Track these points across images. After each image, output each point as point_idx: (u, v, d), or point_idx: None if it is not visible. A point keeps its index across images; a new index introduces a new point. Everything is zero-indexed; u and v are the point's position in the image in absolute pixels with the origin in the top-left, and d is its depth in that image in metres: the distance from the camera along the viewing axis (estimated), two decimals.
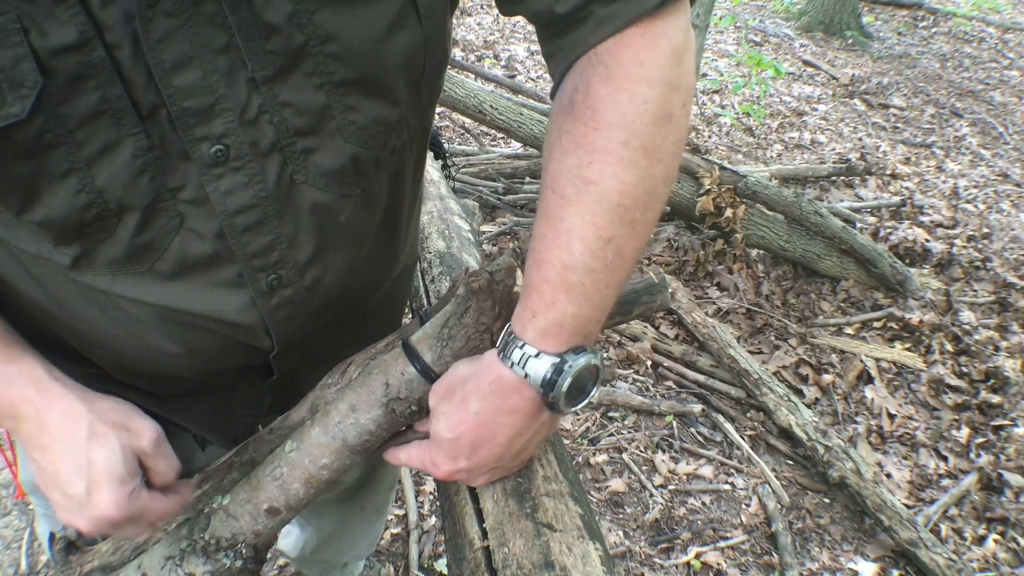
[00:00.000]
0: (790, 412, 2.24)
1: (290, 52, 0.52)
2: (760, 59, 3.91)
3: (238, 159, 0.55)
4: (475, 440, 0.62)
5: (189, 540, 0.67)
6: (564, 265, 0.57)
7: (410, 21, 0.55)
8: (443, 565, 1.85)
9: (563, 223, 0.57)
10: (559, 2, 0.55)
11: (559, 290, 0.57)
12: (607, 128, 0.55)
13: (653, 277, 0.86)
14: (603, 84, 0.55)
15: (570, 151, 0.57)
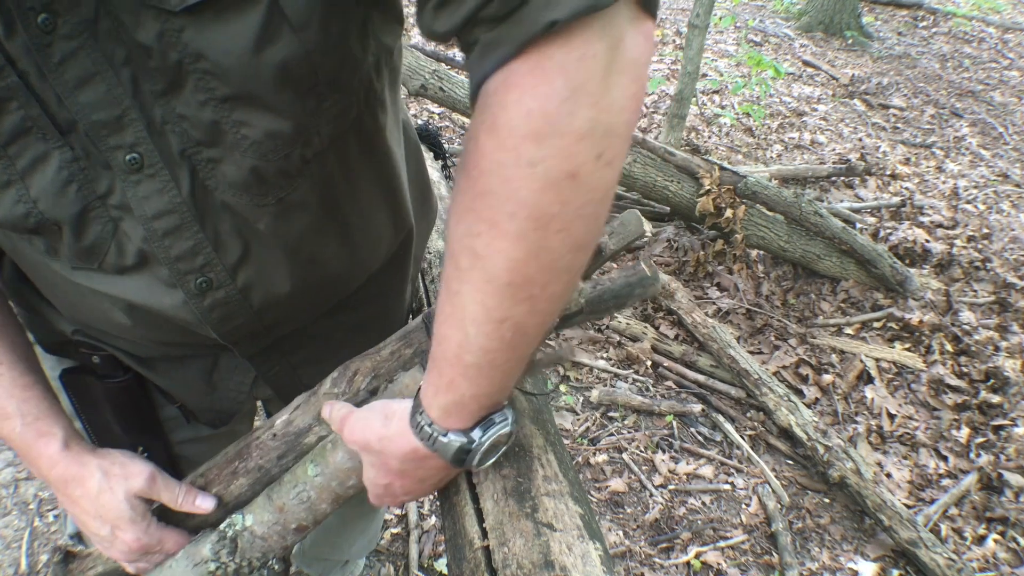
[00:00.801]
0: (790, 412, 2.24)
1: (170, 69, 0.53)
2: (760, 59, 3.91)
3: (152, 166, 0.57)
4: (404, 487, 0.68)
5: (217, 562, 0.71)
6: (459, 345, 0.54)
7: (282, 34, 0.52)
8: (443, 565, 1.85)
9: (458, 298, 0.53)
10: (437, 20, 0.48)
11: (456, 371, 0.56)
12: (491, 195, 0.47)
13: (646, 270, 0.86)
14: (488, 137, 0.47)
15: (462, 216, 0.51)
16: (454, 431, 0.59)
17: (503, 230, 0.48)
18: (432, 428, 0.59)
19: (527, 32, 0.43)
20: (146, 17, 0.50)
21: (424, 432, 0.60)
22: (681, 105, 3.55)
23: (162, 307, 0.67)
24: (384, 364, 0.77)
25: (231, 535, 0.72)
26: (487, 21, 0.45)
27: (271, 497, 0.73)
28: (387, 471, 0.66)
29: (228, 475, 0.78)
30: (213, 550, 0.71)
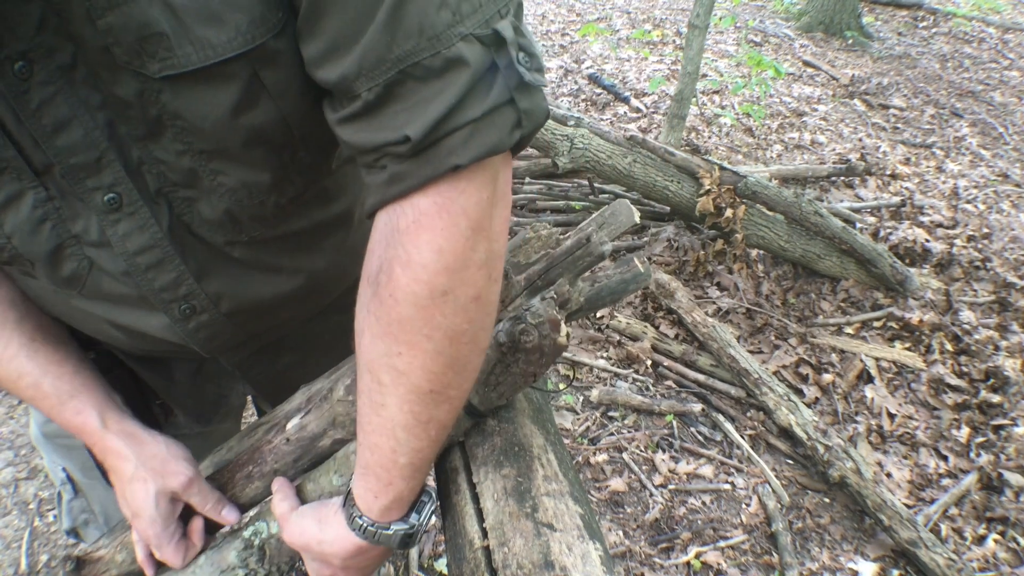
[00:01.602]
0: (790, 412, 2.24)
1: (149, 120, 0.55)
2: (760, 59, 3.91)
3: (131, 205, 0.59)
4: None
5: (246, 569, 0.72)
6: (393, 450, 0.60)
7: (262, 101, 0.55)
8: (443, 565, 1.85)
9: (385, 410, 0.58)
10: (355, 136, 0.53)
11: (393, 473, 0.61)
12: (410, 322, 0.53)
13: (639, 266, 0.86)
14: (403, 270, 0.52)
15: (379, 338, 0.56)
16: (395, 522, 0.65)
17: (422, 349, 0.54)
18: (375, 526, 0.64)
19: (432, 172, 0.50)
20: (125, 76, 0.52)
21: (368, 532, 0.64)
22: (681, 105, 3.55)
23: (148, 328, 0.70)
24: None
25: (258, 543, 0.73)
26: (395, 156, 0.51)
27: None
28: (330, 568, 0.69)
29: (243, 479, 0.78)
30: (240, 557, 0.72)
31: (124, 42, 0.50)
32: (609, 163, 2.78)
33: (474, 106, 0.49)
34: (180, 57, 0.51)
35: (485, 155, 0.50)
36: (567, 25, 6.05)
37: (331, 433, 0.77)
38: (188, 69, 0.51)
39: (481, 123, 0.49)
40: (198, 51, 0.51)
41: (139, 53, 0.50)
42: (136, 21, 0.49)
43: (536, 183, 3.42)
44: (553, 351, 0.69)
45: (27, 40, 0.50)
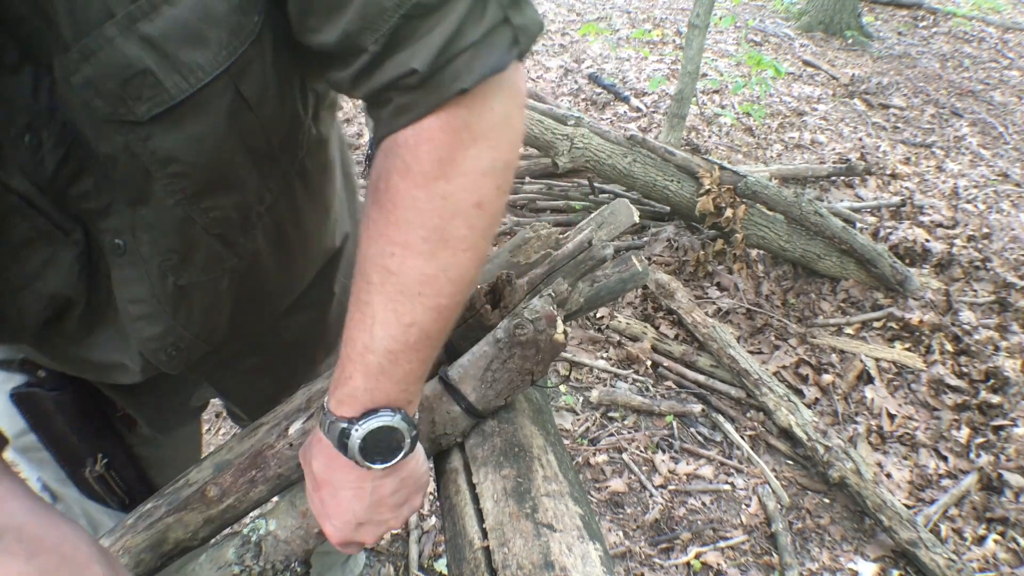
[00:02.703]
0: (790, 412, 2.24)
1: (137, 179, 0.54)
2: (760, 59, 3.91)
3: (132, 255, 0.60)
4: (326, 498, 0.67)
5: (241, 566, 0.72)
6: (365, 346, 0.60)
7: (242, 114, 0.55)
8: (443, 565, 1.85)
9: (368, 307, 0.59)
10: (356, 87, 0.54)
11: (357, 367, 0.61)
12: (406, 224, 0.55)
13: (637, 265, 0.87)
14: (401, 178, 0.54)
15: (374, 240, 0.57)
16: (341, 418, 0.63)
17: (417, 250, 0.55)
18: (327, 416, 0.64)
19: (439, 98, 0.51)
20: (109, 130, 0.51)
21: (323, 422, 0.64)
22: (681, 105, 3.55)
23: (124, 360, 0.70)
24: None
25: (255, 539, 0.73)
26: (403, 89, 0.52)
27: (294, 503, 0.75)
28: (312, 480, 0.68)
29: (246, 484, 0.78)
30: (237, 554, 0.72)
31: (105, 91, 0.48)
32: (609, 163, 2.78)
33: (473, 30, 0.50)
34: (169, 89, 0.49)
35: (488, 75, 0.51)
36: (567, 25, 6.05)
37: None
38: (178, 100, 0.50)
39: (481, 45, 0.51)
40: (186, 77, 0.50)
41: (123, 99, 0.49)
42: (116, 65, 0.47)
43: (536, 183, 3.42)
44: (550, 348, 0.69)
45: (28, 110, 0.49)
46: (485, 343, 0.72)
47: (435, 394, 0.73)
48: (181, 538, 0.79)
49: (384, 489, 0.66)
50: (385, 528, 0.68)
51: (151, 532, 0.80)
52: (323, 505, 0.68)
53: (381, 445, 0.63)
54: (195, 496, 0.81)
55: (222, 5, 0.48)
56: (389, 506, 0.67)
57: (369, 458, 0.63)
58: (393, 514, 0.68)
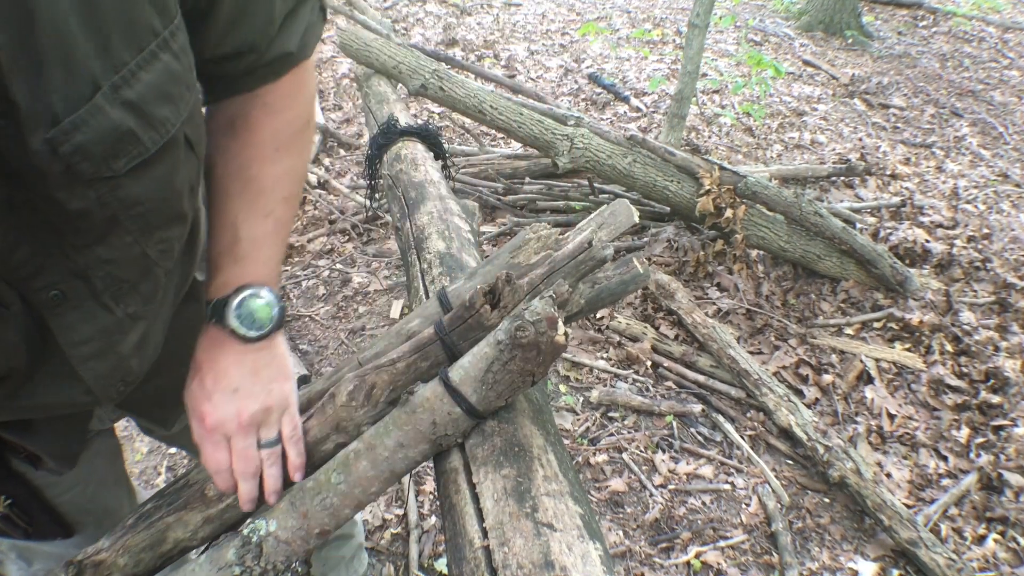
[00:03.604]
0: (790, 412, 2.24)
1: (101, 225, 0.58)
2: (760, 59, 3.91)
3: (75, 299, 0.62)
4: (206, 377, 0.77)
5: (242, 567, 0.73)
6: (231, 239, 0.76)
7: (188, 154, 0.64)
8: (443, 565, 1.85)
9: (230, 212, 0.76)
10: (233, 64, 0.70)
11: (226, 259, 0.76)
12: (262, 143, 0.76)
13: (638, 267, 0.87)
14: (260, 112, 0.75)
15: (231, 160, 0.75)
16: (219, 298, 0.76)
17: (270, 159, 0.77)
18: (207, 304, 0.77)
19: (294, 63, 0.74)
20: (83, 188, 0.55)
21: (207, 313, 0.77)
22: (681, 105, 3.55)
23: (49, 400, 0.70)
24: (401, 377, 0.79)
25: (256, 540, 0.73)
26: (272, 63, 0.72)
27: (294, 504, 0.75)
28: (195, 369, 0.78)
29: None
30: (238, 555, 0.72)
31: (94, 155, 0.53)
32: (609, 163, 2.78)
33: (312, 18, 0.74)
34: (146, 143, 0.56)
35: (308, 54, 0.76)
36: (567, 24, 6.05)
37: (334, 438, 0.77)
38: (152, 152, 0.57)
39: (314, 26, 0.75)
40: (159, 131, 0.57)
41: (108, 159, 0.54)
42: (104, 130, 0.53)
43: (536, 183, 3.42)
44: (551, 350, 0.69)
45: None
46: (486, 344, 0.72)
47: (436, 395, 0.74)
48: (181, 538, 0.79)
49: (259, 361, 0.78)
50: (258, 403, 0.77)
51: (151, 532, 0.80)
52: (202, 383, 0.77)
53: (255, 315, 0.76)
54: (195, 495, 0.81)
55: (179, 65, 0.58)
56: (263, 380, 0.78)
57: (245, 326, 0.76)
58: (264, 389, 0.78)
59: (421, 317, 0.90)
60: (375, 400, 0.78)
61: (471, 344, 0.77)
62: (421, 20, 5.81)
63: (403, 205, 1.54)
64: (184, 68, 0.59)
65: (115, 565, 0.80)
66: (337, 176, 3.71)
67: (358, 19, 4.98)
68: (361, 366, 0.85)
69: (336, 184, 3.54)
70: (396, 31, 5.39)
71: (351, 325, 2.73)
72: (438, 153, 1.89)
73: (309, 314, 2.79)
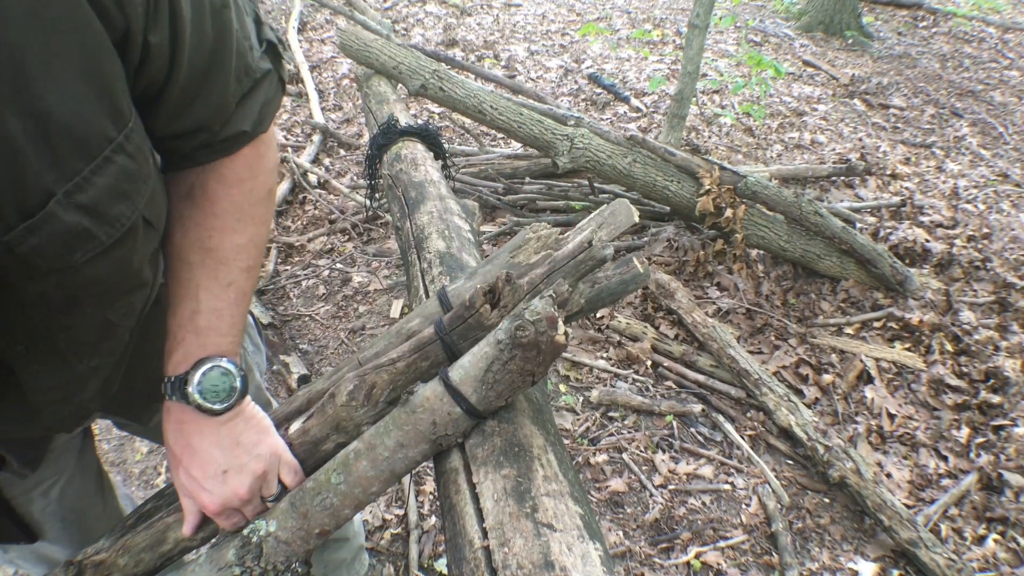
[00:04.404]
0: (790, 412, 2.24)
1: (62, 303, 0.60)
2: (760, 59, 3.91)
3: (36, 354, 0.64)
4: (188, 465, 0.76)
5: (242, 567, 0.73)
6: (192, 311, 0.74)
7: (149, 232, 0.66)
8: (443, 565, 1.85)
9: (191, 282, 0.74)
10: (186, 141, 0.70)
11: (187, 331, 0.74)
12: (222, 213, 0.75)
13: (639, 267, 0.87)
14: (218, 184, 0.74)
15: (191, 229, 0.74)
16: (179, 375, 0.75)
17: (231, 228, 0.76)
18: (167, 382, 0.75)
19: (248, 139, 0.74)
20: (41, 278, 0.56)
21: (166, 390, 0.75)
22: (681, 105, 3.55)
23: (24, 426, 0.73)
24: (401, 377, 0.79)
25: (256, 540, 0.73)
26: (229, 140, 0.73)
27: (294, 504, 0.75)
28: (173, 460, 0.77)
29: None
30: (238, 555, 0.72)
31: (49, 254, 0.55)
32: (609, 163, 2.78)
33: (269, 95, 0.75)
34: (102, 238, 0.58)
35: (265, 128, 0.76)
36: (567, 25, 6.05)
37: (334, 437, 0.77)
38: (108, 244, 0.59)
39: (271, 104, 0.76)
40: (114, 226, 0.59)
41: (63, 255, 0.56)
42: (59, 233, 0.54)
43: (536, 183, 3.42)
44: (551, 350, 0.69)
45: None
46: (486, 344, 0.72)
47: (436, 395, 0.73)
48: (181, 538, 0.79)
49: (235, 431, 0.76)
50: (250, 474, 0.75)
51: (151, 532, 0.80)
52: (188, 474, 0.75)
53: (218, 388, 0.74)
54: None
55: (134, 164, 0.59)
56: (245, 447, 0.76)
57: (209, 401, 0.74)
58: (251, 456, 0.76)
59: (421, 317, 0.90)
60: (375, 400, 0.78)
61: (471, 344, 0.77)
62: (421, 20, 5.81)
63: (403, 205, 1.54)
64: (139, 165, 0.60)
65: (115, 565, 0.80)
66: (337, 176, 3.71)
67: (358, 20, 4.98)
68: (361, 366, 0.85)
69: (336, 184, 3.54)
70: (396, 31, 5.39)
71: (351, 324, 2.73)
72: (438, 153, 1.89)
73: (309, 313, 2.79)
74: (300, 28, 5.49)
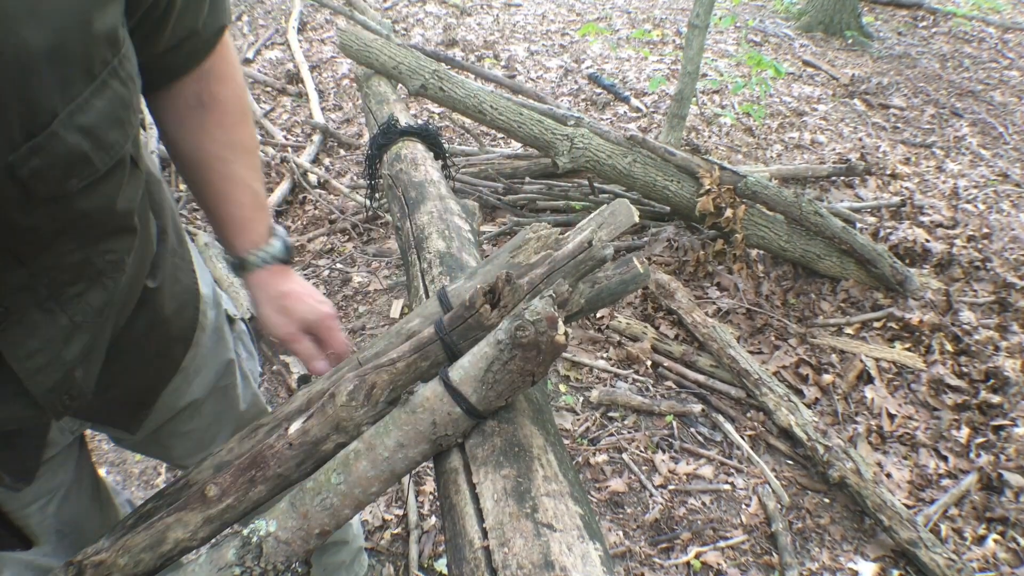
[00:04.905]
0: (790, 412, 2.24)
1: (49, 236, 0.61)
2: (760, 59, 3.90)
3: (18, 312, 0.63)
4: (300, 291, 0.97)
5: (242, 567, 0.72)
6: (254, 195, 0.91)
7: (135, 172, 0.69)
8: (443, 565, 1.85)
9: (235, 174, 0.88)
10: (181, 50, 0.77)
11: (260, 213, 0.92)
12: (232, 110, 0.87)
13: (639, 267, 0.87)
14: (219, 85, 0.85)
15: (214, 130, 0.86)
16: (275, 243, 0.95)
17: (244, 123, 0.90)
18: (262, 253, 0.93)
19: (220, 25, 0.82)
20: (35, 207, 0.57)
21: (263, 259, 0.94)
22: (681, 105, 3.55)
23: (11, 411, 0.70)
24: (401, 377, 0.79)
25: (256, 541, 0.73)
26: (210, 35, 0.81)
27: (294, 504, 0.75)
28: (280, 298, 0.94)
29: (245, 483, 0.78)
30: (237, 555, 0.72)
31: (50, 177, 0.56)
32: (609, 163, 2.78)
33: None
34: (97, 165, 0.60)
35: (228, 24, 0.84)
36: (567, 25, 6.05)
37: (334, 437, 0.77)
38: (102, 172, 0.60)
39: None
40: (109, 153, 0.61)
41: (62, 180, 0.57)
42: (62, 153, 0.56)
43: (536, 183, 3.42)
44: (551, 350, 0.69)
45: None
46: (486, 344, 0.72)
47: (436, 395, 0.73)
48: (181, 538, 0.79)
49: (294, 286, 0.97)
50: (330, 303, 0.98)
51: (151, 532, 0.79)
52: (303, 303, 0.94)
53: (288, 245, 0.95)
54: (195, 496, 0.81)
55: (127, 91, 0.61)
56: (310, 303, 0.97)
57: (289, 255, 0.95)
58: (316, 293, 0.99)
59: (421, 317, 0.90)
60: (375, 400, 0.78)
61: (471, 344, 0.77)
62: (421, 20, 5.81)
63: (403, 205, 1.54)
64: (131, 93, 0.62)
65: (115, 565, 0.80)
66: (337, 176, 3.71)
67: (358, 19, 4.98)
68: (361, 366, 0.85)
69: (336, 184, 3.54)
70: (396, 32, 5.39)
71: (351, 325, 2.73)
72: (438, 153, 1.88)
73: None
74: (300, 28, 5.49)
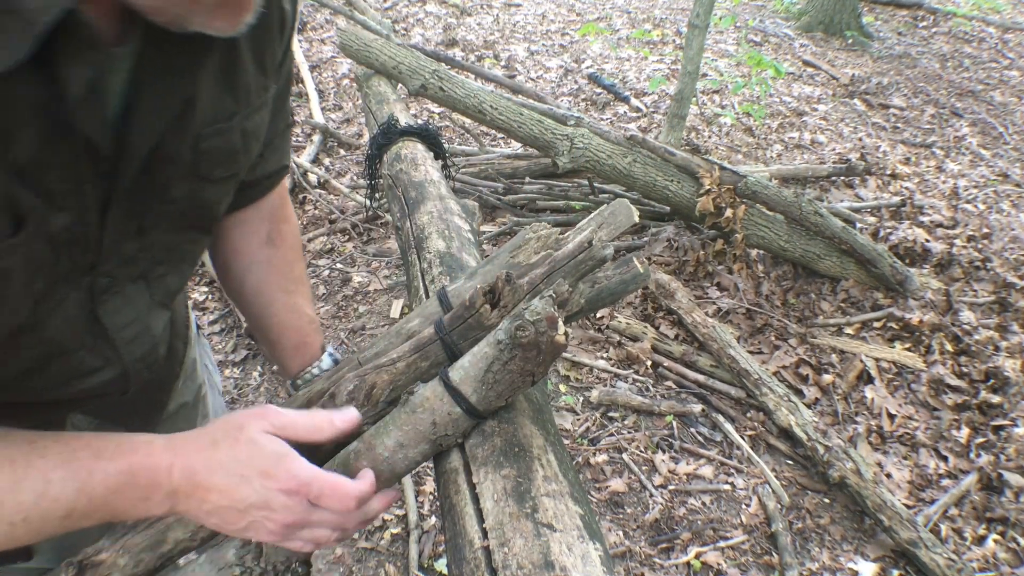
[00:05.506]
0: (790, 412, 2.24)
1: (175, 213, 0.70)
2: (760, 59, 3.91)
3: (118, 285, 0.69)
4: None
5: (242, 567, 0.73)
6: (308, 320, 0.98)
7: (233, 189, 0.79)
8: (443, 565, 1.85)
9: (296, 304, 0.97)
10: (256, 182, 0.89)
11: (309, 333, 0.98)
12: (293, 247, 1.00)
13: (639, 267, 0.87)
14: (284, 224, 0.98)
15: (279, 266, 0.97)
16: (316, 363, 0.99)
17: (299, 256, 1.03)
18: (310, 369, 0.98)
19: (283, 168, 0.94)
20: (187, 183, 0.68)
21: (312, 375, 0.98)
22: (681, 105, 3.55)
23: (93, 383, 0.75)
24: (401, 377, 0.79)
25: (256, 540, 0.73)
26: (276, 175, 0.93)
27: None
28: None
29: None
30: (237, 555, 0.72)
31: (215, 159, 0.69)
32: (609, 163, 2.78)
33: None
34: (240, 165, 0.74)
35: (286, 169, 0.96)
36: (567, 25, 6.05)
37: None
38: (233, 172, 0.74)
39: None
40: (245, 160, 0.75)
41: (218, 165, 0.70)
42: (228, 143, 0.70)
43: (536, 183, 3.42)
44: (551, 350, 0.69)
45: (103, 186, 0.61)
46: (486, 344, 0.72)
47: (436, 395, 0.73)
48: (181, 538, 0.79)
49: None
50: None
51: (151, 532, 0.79)
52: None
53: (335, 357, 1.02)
54: None
55: (264, 120, 0.77)
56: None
57: None
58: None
59: (421, 317, 0.90)
60: (375, 400, 0.78)
61: (471, 344, 0.77)
62: (421, 20, 5.81)
63: (403, 205, 1.54)
64: (265, 122, 0.77)
65: (115, 565, 0.80)
66: (337, 176, 3.71)
67: (358, 19, 4.98)
68: (361, 366, 0.85)
69: (336, 184, 3.54)
70: (396, 31, 5.39)
71: (351, 325, 2.73)
72: (438, 153, 1.88)
73: None
74: (300, 28, 5.49)
